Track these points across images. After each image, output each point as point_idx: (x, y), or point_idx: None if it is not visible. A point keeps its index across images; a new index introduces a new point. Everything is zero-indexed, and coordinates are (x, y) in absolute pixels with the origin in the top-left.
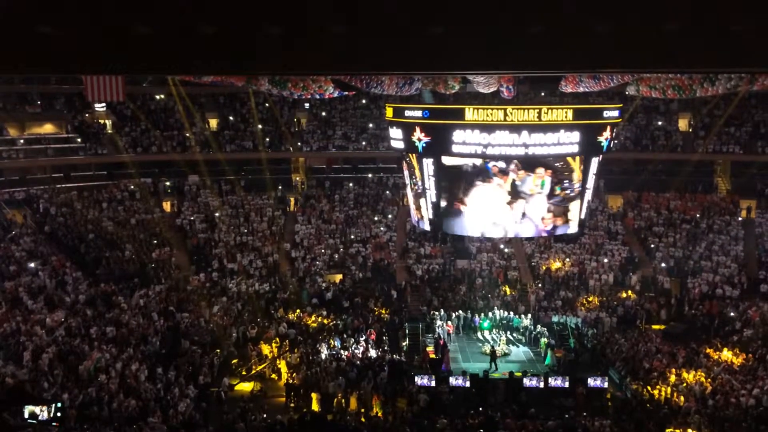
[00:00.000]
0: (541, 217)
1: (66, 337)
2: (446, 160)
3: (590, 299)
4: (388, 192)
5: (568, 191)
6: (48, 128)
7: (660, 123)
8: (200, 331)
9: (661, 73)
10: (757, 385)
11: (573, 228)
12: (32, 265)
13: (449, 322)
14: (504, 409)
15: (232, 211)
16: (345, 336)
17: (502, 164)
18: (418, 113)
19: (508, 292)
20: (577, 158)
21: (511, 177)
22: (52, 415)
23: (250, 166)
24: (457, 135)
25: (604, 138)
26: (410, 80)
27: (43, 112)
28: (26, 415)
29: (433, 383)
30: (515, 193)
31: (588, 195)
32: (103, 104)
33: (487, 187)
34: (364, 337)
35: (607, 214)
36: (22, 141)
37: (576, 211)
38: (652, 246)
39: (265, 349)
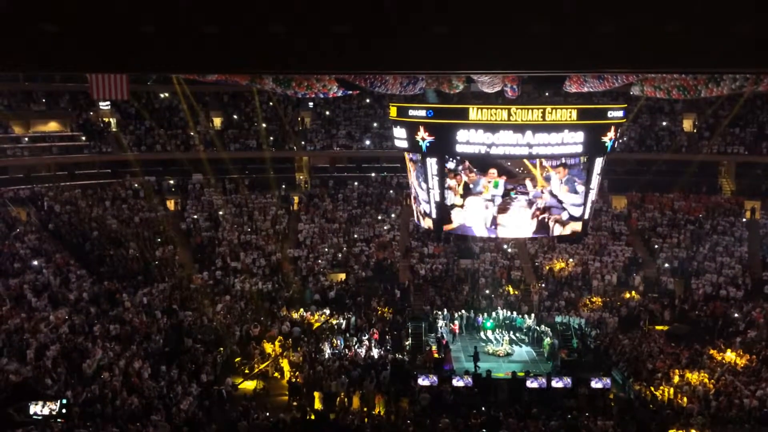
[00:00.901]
0: (493, 215)
1: (69, 334)
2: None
3: (594, 299)
4: (391, 191)
5: (524, 196)
6: (52, 126)
7: (664, 123)
8: (203, 329)
9: (666, 73)
10: (761, 387)
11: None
12: (36, 262)
13: (454, 322)
14: (506, 409)
15: (236, 209)
16: (348, 335)
17: (451, 164)
18: (422, 113)
19: (512, 292)
20: (538, 164)
21: (463, 179)
22: (57, 411)
23: (253, 164)
24: (461, 135)
25: (609, 138)
26: (414, 80)
27: (47, 110)
28: (31, 412)
29: (435, 383)
30: (467, 195)
31: (592, 195)
32: (108, 102)
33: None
34: (366, 337)
35: (610, 215)
36: (26, 139)
37: (517, 215)
38: (656, 247)
39: (268, 347)
